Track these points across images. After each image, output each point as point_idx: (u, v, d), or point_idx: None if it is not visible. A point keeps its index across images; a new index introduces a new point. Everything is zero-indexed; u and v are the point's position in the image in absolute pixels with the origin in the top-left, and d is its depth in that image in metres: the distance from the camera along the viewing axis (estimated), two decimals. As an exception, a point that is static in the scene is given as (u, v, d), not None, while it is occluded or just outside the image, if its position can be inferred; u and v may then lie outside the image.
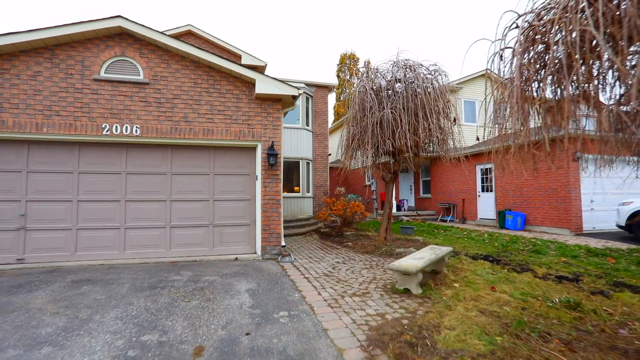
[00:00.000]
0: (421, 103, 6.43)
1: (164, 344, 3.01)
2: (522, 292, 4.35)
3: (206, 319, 3.56)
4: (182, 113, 6.35)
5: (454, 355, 2.81)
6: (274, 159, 6.59)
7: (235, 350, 2.91)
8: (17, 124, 5.62)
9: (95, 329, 3.28)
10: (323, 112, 14.14)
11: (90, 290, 4.45)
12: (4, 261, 5.62)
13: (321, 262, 6.30)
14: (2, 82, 5.58)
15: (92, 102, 5.97)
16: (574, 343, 2.98)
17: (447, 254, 5.36)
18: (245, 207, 6.82)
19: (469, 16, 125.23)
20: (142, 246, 6.27)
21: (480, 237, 9.03)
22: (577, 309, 3.76)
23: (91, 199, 6.11)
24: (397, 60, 7.41)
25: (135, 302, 4.01)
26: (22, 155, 5.85)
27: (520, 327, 3.30)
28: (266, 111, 6.80)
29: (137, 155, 6.34)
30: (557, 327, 3.31)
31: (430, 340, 3.08)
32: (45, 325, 3.34)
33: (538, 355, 2.77)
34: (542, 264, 5.93)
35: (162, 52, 6.39)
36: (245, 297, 4.25)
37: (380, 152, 7.07)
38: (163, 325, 3.40)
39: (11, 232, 5.74)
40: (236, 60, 11.98)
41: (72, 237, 5.99)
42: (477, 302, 4.03)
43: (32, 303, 3.94)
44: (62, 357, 2.74)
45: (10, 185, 5.77)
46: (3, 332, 3.17)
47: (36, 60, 5.76)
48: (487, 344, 2.98)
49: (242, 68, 6.58)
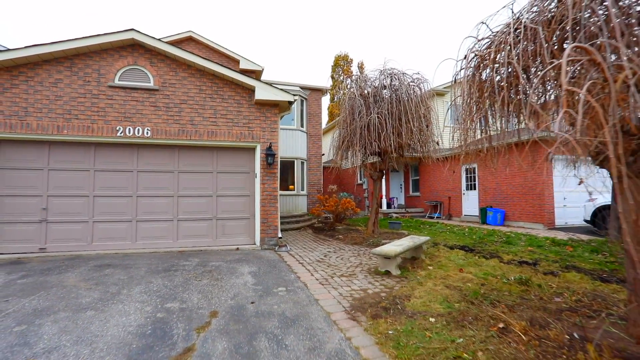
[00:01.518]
0: (404, 109, 7.18)
1: (185, 309, 3.69)
2: (485, 273, 5.11)
3: (216, 293, 4.25)
4: (188, 117, 7.01)
5: (418, 314, 3.54)
6: (271, 159, 7.28)
7: (243, 313, 3.61)
8: (40, 127, 6.23)
9: (126, 299, 3.95)
10: (317, 114, 14.84)
11: (112, 272, 5.11)
12: (28, 250, 6.24)
13: (314, 252, 7.01)
14: (27, 88, 6.20)
15: (107, 106, 6.60)
16: (515, 307, 3.73)
17: (424, 242, 6.10)
18: (245, 202, 7.50)
19: (463, 15, 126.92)
20: (152, 237, 6.92)
21: (461, 231, 9.82)
22: (527, 284, 4.52)
23: (106, 195, 6.74)
24: (384, 68, 8.15)
25: (154, 281, 4.68)
26: (43, 155, 6.46)
27: (475, 296, 4.04)
28: (264, 115, 7.49)
29: (148, 154, 6.98)
30: (506, 297, 4.06)
31: (401, 305, 3.82)
32: (83, 297, 4.01)
33: (484, 314, 3.51)
34: (510, 252, 6.71)
35: (170, 61, 7.04)
36: (248, 277, 4.95)
37: (368, 153, 7.80)
38: (181, 297, 4.08)
39: (34, 224, 6.36)
40: (234, 64, 12.64)
41: (88, 229, 6.62)
42: (445, 280, 4.78)
43: (66, 281, 4.59)
44: (105, 317, 3.42)
45: (33, 182, 6.38)
46: (50, 301, 3.83)
47: (57, 68, 6.38)
48: (446, 308, 3.72)
49: (243, 76, 7.26)
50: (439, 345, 2.88)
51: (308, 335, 3.12)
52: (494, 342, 2.91)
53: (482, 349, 2.79)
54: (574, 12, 2.35)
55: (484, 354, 2.71)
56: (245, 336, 3.07)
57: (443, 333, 3.11)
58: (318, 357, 2.73)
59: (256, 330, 3.19)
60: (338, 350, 2.85)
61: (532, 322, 3.24)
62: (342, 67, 35.39)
